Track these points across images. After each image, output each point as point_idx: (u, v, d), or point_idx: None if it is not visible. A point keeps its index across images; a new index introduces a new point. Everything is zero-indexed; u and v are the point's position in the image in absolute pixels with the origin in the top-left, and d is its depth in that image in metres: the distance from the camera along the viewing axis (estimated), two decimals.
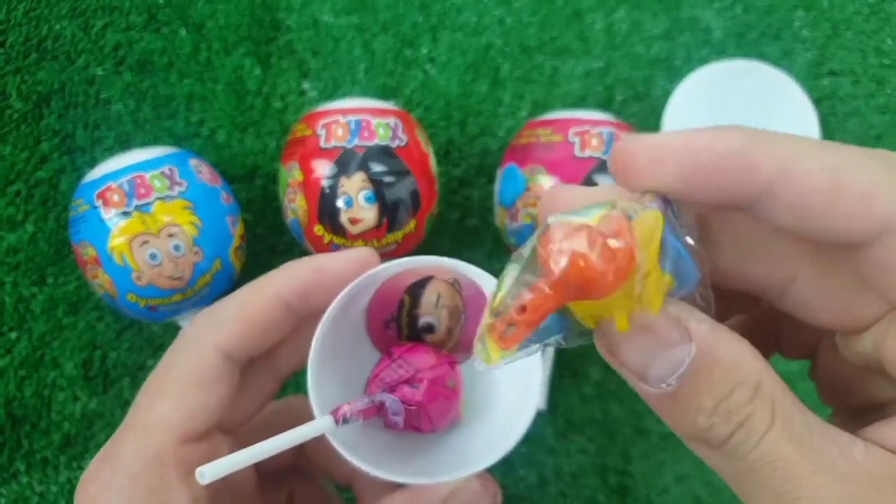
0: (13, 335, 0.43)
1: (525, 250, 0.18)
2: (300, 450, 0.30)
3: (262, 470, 0.28)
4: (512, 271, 0.18)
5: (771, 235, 0.18)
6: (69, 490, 0.42)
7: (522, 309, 0.17)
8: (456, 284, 0.26)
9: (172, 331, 0.44)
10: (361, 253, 0.25)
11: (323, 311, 0.24)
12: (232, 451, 0.25)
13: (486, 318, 0.17)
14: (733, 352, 0.17)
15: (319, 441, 0.23)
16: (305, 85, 0.47)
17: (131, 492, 0.22)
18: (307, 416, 0.23)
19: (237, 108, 0.46)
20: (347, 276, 0.24)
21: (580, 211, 0.17)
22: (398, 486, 0.24)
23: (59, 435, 0.43)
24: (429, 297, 0.26)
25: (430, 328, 0.27)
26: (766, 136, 0.17)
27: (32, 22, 0.46)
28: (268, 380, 0.27)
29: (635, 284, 0.16)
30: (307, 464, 0.31)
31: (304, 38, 0.47)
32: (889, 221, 0.16)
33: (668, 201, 0.17)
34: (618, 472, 0.45)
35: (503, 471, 0.44)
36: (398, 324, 0.27)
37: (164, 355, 0.24)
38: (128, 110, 0.46)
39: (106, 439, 0.43)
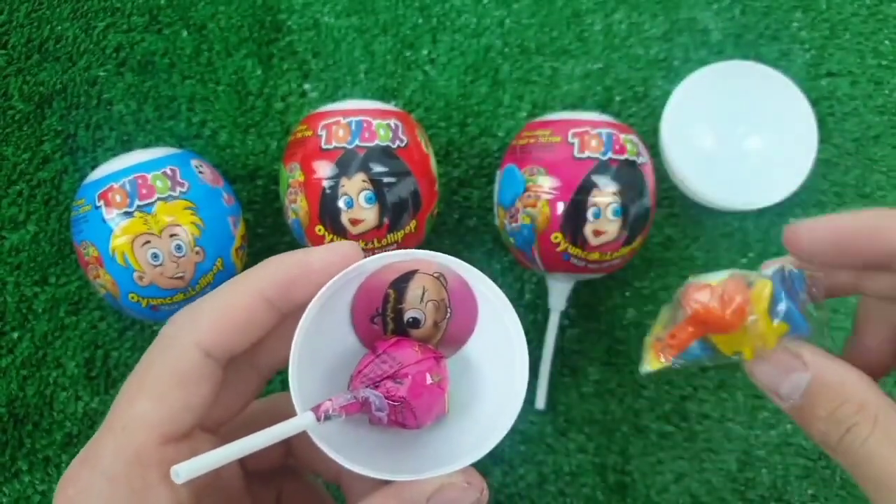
0: (15, 335, 0.44)
1: (675, 296, 0.26)
2: (288, 448, 0.30)
3: (249, 469, 0.28)
4: (666, 311, 0.27)
5: None
6: None
7: (672, 336, 0.26)
8: (441, 278, 0.26)
9: None
10: (345, 247, 0.25)
11: (306, 306, 0.24)
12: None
13: (649, 337, 0.27)
14: (838, 377, 0.23)
15: (305, 438, 0.23)
16: (306, 86, 0.47)
17: (111, 493, 0.21)
18: (292, 414, 0.23)
19: (238, 109, 0.47)
20: (331, 270, 0.24)
21: (710, 275, 0.26)
22: (384, 483, 0.24)
23: (60, 434, 0.43)
24: (413, 291, 0.26)
25: (415, 323, 0.27)
26: (892, 213, 0.24)
27: (34, 23, 0.46)
28: (251, 377, 0.27)
29: (748, 327, 0.25)
30: (295, 462, 0.31)
31: (305, 40, 0.48)
32: None
33: (783, 273, 0.25)
34: (617, 471, 0.45)
35: (503, 469, 0.44)
36: (383, 319, 0.26)
37: (144, 355, 0.24)
38: (129, 111, 0.46)
39: None
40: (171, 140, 0.46)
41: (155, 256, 0.37)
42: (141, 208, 0.37)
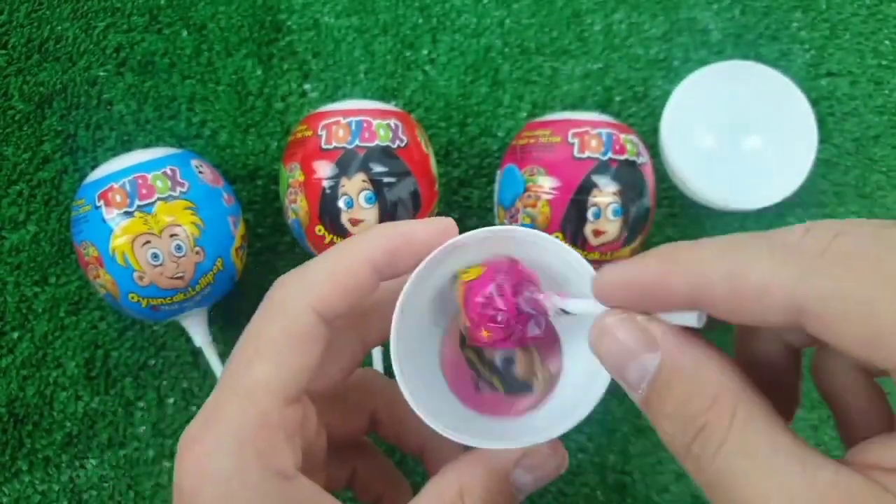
0: (15, 335, 0.44)
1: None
2: (372, 420, 0.31)
3: (331, 442, 0.28)
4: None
5: None
6: (71, 489, 0.43)
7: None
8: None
9: (174, 330, 0.44)
10: (445, 222, 0.25)
11: (406, 275, 0.25)
12: (317, 417, 0.26)
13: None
14: (693, 360, 0.18)
15: (391, 408, 0.24)
16: (306, 86, 0.47)
17: (240, 454, 0.22)
18: (380, 389, 0.24)
19: (238, 109, 0.47)
20: (432, 242, 0.25)
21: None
22: (469, 452, 0.25)
23: (61, 434, 0.43)
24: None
25: (509, 361, 0.27)
26: (675, 254, 0.19)
27: (34, 23, 0.46)
28: (355, 347, 0.28)
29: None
30: (382, 432, 0.31)
31: (305, 40, 0.48)
32: (797, 305, 0.16)
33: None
34: (617, 471, 0.45)
35: None
36: (486, 381, 0.27)
37: (253, 320, 0.24)
38: (130, 111, 0.46)
39: (108, 438, 0.43)
40: (171, 140, 0.46)
41: (155, 256, 0.37)
42: (141, 208, 0.37)
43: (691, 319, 0.19)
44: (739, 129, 0.47)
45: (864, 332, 0.15)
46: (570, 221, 0.39)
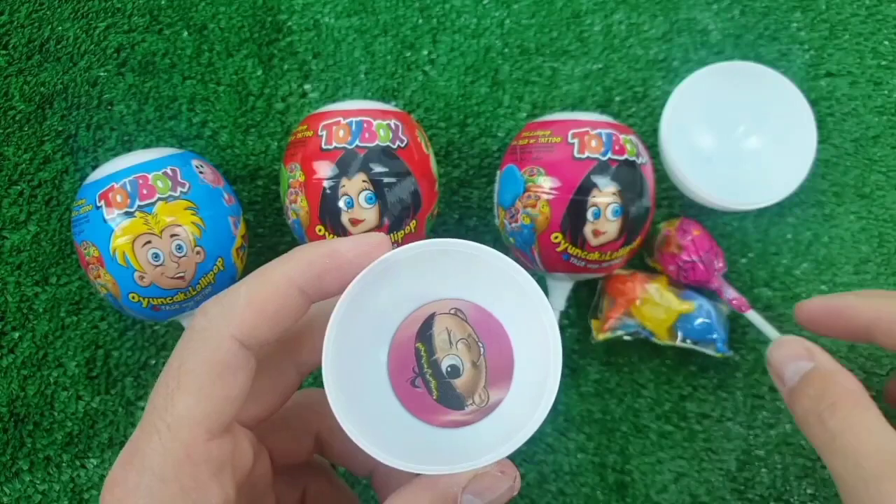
0: (16, 334, 0.44)
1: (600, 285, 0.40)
2: (318, 443, 0.30)
3: (277, 465, 0.28)
4: (605, 299, 0.44)
5: None
6: (72, 489, 0.43)
7: (608, 314, 0.43)
8: (459, 313, 0.26)
9: (175, 330, 0.44)
10: (375, 237, 0.24)
11: (337, 295, 0.23)
12: (253, 446, 0.25)
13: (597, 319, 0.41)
14: (834, 367, 0.28)
15: (338, 432, 0.23)
16: (307, 86, 0.48)
17: (162, 493, 0.21)
18: (325, 410, 0.23)
19: (239, 110, 0.47)
20: (361, 260, 0.24)
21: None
22: (416, 477, 0.24)
23: (61, 434, 0.43)
24: (440, 336, 0.26)
25: (455, 371, 0.26)
26: (863, 298, 0.31)
27: (35, 23, 0.46)
28: (289, 372, 0.27)
29: (645, 303, 0.43)
30: (328, 456, 0.31)
31: (306, 40, 0.48)
32: (874, 319, 0.29)
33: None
34: (616, 471, 0.45)
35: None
36: (423, 379, 0.26)
37: (175, 351, 0.23)
38: (130, 111, 0.46)
39: (109, 438, 0.43)
40: (171, 140, 0.46)
41: (156, 256, 0.37)
42: (142, 208, 0.37)
43: None
44: (739, 129, 0.47)
45: None
46: (570, 221, 0.39)
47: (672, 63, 0.49)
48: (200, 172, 0.39)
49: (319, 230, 0.39)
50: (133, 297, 0.37)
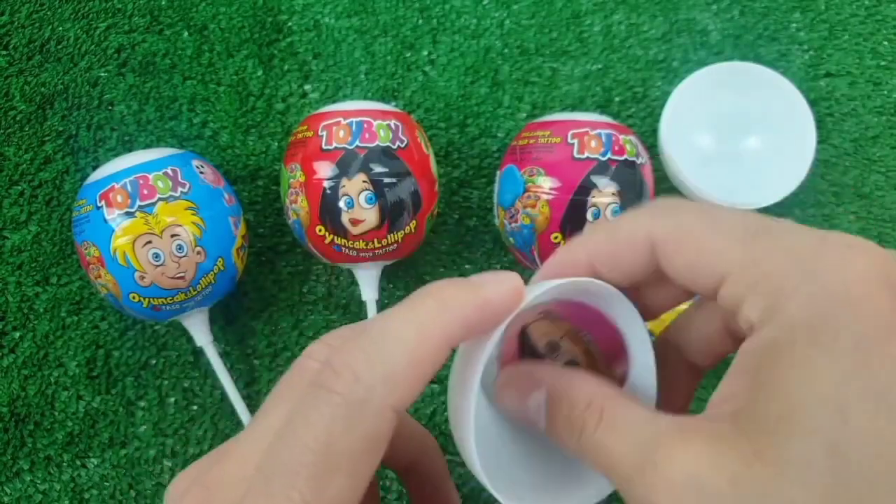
0: (17, 334, 0.44)
1: None
2: None
3: None
4: None
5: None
6: (72, 488, 0.43)
7: None
8: (549, 315, 0.25)
9: (175, 330, 0.44)
10: (514, 282, 0.22)
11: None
12: None
13: None
14: (567, 383, 0.23)
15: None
16: (307, 87, 0.48)
17: None
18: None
19: (239, 110, 0.47)
20: (507, 307, 0.22)
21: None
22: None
23: (62, 433, 0.43)
24: (541, 342, 0.25)
25: (555, 346, 0.25)
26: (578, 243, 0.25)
27: (36, 24, 0.46)
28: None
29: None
30: None
31: (306, 41, 0.48)
32: (650, 238, 0.22)
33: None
34: None
35: None
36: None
37: (312, 411, 0.20)
38: (131, 112, 0.46)
39: (109, 437, 0.43)
40: (172, 140, 0.46)
41: (156, 256, 0.37)
42: (142, 208, 0.37)
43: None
44: (738, 129, 0.47)
45: (688, 259, 0.22)
46: (570, 221, 0.39)
47: (672, 63, 0.49)
48: (201, 173, 0.39)
49: (319, 230, 0.39)
50: (133, 297, 0.38)
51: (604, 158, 0.39)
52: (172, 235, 0.37)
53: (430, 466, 0.28)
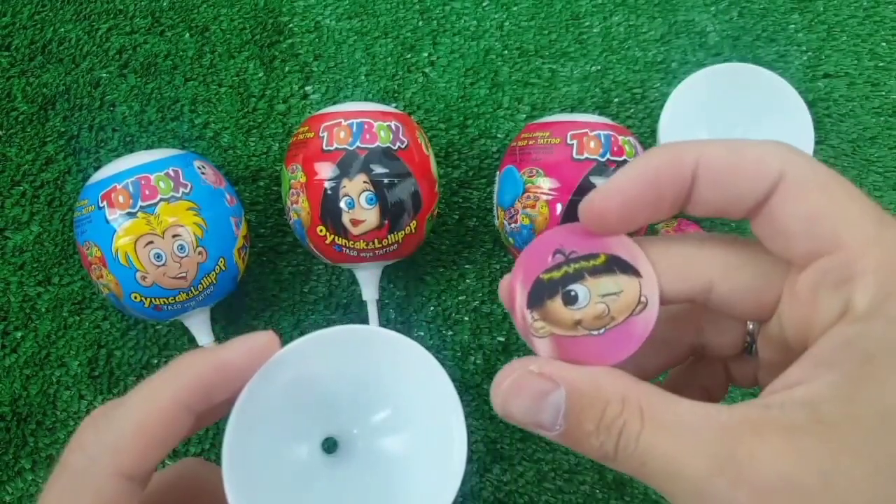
0: (19, 334, 0.44)
1: None
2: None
3: None
4: None
5: (690, 260, 0.22)
6: None
7: None
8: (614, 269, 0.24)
9: (177, 330, 0.44)
10: (261, 339, 0.23)
11: (227, 402, 0.22)
12: None
13: None
14: (590, 380, 0.20)
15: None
16: (308, 88, 0.48)
17: None
18: (208, 484, 0.22)
19: (241, 111, 0.47)
20: (251, 366, 0.22)
21: None
22: None
23: (64, 433, 0.43)
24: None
25: (574, 297, 0.23)
26: (685, 144, 0.21)
27: (38, 25, 0.47)
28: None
29: None
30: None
31: (307, 42, 0.48)
32: (782, 171, 0.19)
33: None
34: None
35: (502, 467, 0.45)
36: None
37: (48, 490, 0.21)
38: (132, 112, 0.47)
39: None
40: (173, 141, 0.47)
41: (158, 256, 0.37)
42: (144, 209, 0.37)
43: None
44: (737, 130, 0.48)
45: (812, 210, 0.19)
46: (569, 222, 0.39)
47: (670, 65, 0.49)
48: (202, 173, 0.40)
49: (320, 231, 0.39)
50: (135, 297, 0.38)
51: (603, 159, 0.39)
52: (174, 236, 0.37)
53: None
